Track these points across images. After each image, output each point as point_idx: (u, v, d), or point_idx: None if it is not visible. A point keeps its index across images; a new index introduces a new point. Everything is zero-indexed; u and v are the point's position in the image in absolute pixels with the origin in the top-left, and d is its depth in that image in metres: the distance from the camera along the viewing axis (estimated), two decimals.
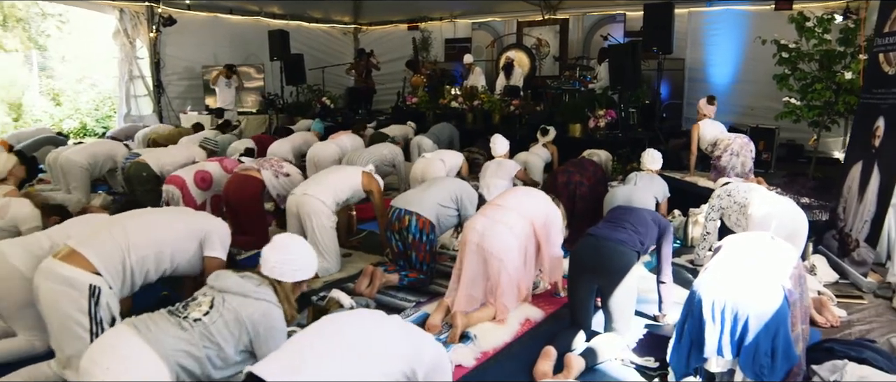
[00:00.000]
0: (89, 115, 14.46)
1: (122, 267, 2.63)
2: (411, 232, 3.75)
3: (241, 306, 2.20)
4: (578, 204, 4.93)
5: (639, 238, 3.12)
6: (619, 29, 10.29)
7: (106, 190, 6.92)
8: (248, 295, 2.23)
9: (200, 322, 2.15)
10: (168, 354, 2.00)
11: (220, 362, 2.17)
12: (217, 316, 2.17)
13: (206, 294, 2.29)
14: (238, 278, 2.29)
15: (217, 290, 2.27)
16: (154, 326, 2.07)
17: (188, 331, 2.10)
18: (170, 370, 1.99)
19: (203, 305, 2.21)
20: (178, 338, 2.07)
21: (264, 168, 4.77)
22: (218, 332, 2.15)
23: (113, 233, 2.68)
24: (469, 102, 9.21)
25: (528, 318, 3.47)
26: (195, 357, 2.09)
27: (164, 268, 2.83)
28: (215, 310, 2.19)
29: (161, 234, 2.82)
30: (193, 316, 2.18)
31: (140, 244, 2.71)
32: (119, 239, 2.67)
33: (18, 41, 15.27)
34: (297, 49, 11.42)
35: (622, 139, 7.30)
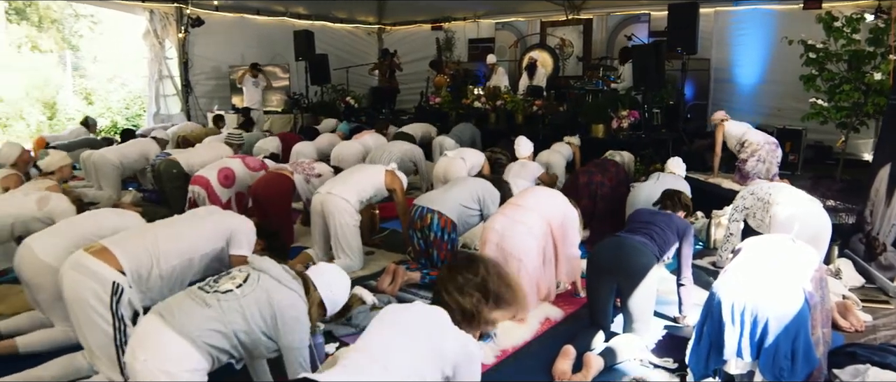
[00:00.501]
0: (120, 114, 14.80)
1: (147, 274, 2.71)
2: (433, 231, 3.81)
3: (274, 289, 2.24)
4: (599, 204, 4.94)
5: (658, 245, 3.14)
6: (643, 29, 10.22)
7: (136, 187, 7.10)
8: (282, 282, 2.27)
9: (232, 293, 2.18)
10: (195, 336, 2.05)
11: (246, 338, 2.18)
12: (250, 291, 2.20)
13: (241, 270, 2.34)
14: (278, 265, 2.34)
15: (255, 268, 2.32)
16: (178, 311, 2.11)
17: (213, 308, 2.13)
18: (199, 351, 2.05)
19: (237, 278, 2.25)
20: (203, 318, 2.10)
21: (297, 172, 4.87)
22: (248, 306, 2.17)
23: (144, 241, 2.77)
24: (492, 102, 9.23)
25: (548, 317, 3.50)
26: (223, 334, 2.11)
27: (196, 271, 2.91)
28: (249, 285, 2.22)
29: (190, 243, 2.89)
30: (225, 286, 2.21)
31: (170, 254, 2.78)
32: (150, 246, 2.74)
33: (53, 42, 15.69)
34: (321, 49, 11.54)
35: (645, 140, 7.26)
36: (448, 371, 1.87)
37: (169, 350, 2.01)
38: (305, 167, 5.01)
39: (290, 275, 2.31)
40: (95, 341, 2.55)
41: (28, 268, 2.97)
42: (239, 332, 2.16)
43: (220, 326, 2.11)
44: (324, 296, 2.41)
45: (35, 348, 3.00)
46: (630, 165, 6.23)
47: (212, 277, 2.32)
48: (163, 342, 2.02)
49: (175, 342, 2.02)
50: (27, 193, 3.80)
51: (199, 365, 2.05)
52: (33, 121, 13.49)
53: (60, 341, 3.02)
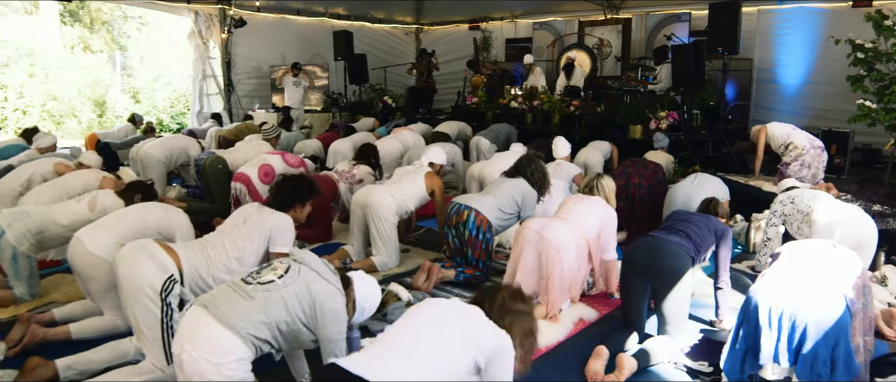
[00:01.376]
0: (165, 112, 15.25)
1: (198, 278, 2.88)
2: (468, 228, 3.84)
3: (314, 281, 2.31)
4: (637, 206, 4.90)
5: (694, 246, 3.11)
6: (683, 28, 10.06)
7: (180, 183, 7.33)
8: (322, 275, 2.34)
9: (273, 283, 2.25)
10: (239, 327, 2.12)
11: (287, 328, 2.25)
12: (291, 281, 2.27)
13: (283, 261, 2.42)
14: (319, 259, 2.41)
15: (296, 260, 2.39)
16: (222, 303, 2.19)
17: (256, 299, 2.20)
18: (244, 341, 2.13)
19: (278, 269, 2.33)
20: (247, 310, 2.17)
21: (341, 181, 4.99)
22: (289, 297, 2.24)
23: (202, 255, 2.94)
24: (529, 102, 9.22)
25: (582, 318, 3.51)
26: (266, 324, 2.18)
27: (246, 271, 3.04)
28: (290, 275, 2.30)
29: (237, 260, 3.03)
30: (267, 277, 2.29)
31: (221, 271, 2.96)
32: (205, 261, 2.94)
33: (103, 42, 16.26)
34: (360, 49, 11.69)
35: (684, 141, 7.16)
36: (481, 362, 1.90)
37: (214, 342, 2.09)
38: (347, 176, 5.12)
39: (329, 269, 2.38)
40: (144, 322, 2.68)
41: (79, 260, 3.13)
42: (281, 322, 2.23)
43: (263, 316, 2.18)
44: (357, 300, 2.47)
45: (86, 334, 3.15)
46: (668, 166, 6.14)
47: (254, 269, 2.39)
48: (209, 333, 2.10)
49: (220, 333, 2.10)
50: (79, 199, 3.95)
51: (244, 355, 2.13)
52: (85, 118, 14.02)
53: (109, 328, 3.18)
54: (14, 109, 13.23)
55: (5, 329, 3.26)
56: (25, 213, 3.68)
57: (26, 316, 3.22)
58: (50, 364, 2.73)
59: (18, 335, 3.11)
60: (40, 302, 3.72)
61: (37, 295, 3.75)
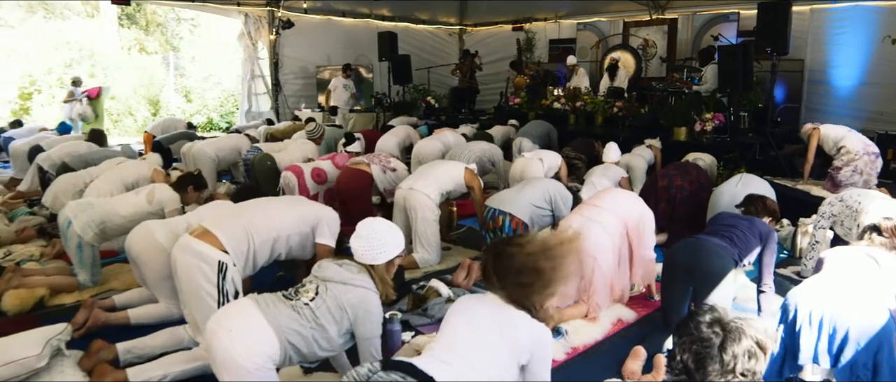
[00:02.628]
0: (215, 111, 15.73)
1: (246, 247, 2.97)
2: (505, 232, 3.89)
3: (342, 293, 2.40)
4: (679, 208, 4.86)
5: (738, 250, 3.09)
6: (731, 28, 9.87)
7: (229, 179, 7.57)
8: (347, 283, 2.42)
9: (308, 307, 2.36)
10: (281, 330, 2.24)
11: (325, 343, 2.36)
12: (321, 303, 2.37)
13: (311, 281, 2.51)
14: (337, 267, 2.48)
15: (320, 279, 2.48)
16: (272, 305, 2.31)
17: (300, 314, 2.32)
18: (280, 344, 2.23)
19: (310, 292, 2.42)
20: (291, 319, 2.29)
21: (374, 162, 5.09)
22: (322, 316, 2.34)
23: (240, 219, 3.03)
24: (571, 103, 9.19)
25: (621, 319, 3.52)
26: (303, 337, 2.30)
27: (279, 252, 3.15)
28: (320, 297, 2.39)
29: (279, 221, 3.13)
30: (303, 300, 2.40)
31: (262, 229, 3.03)
32: (245, 223, 3.00)
33: (158, 44, 16.88)
34: (404, 50, 11.82)
35: (730, 143, 7.03)
36: (523, 359, 1.97)
37: (255, 331, 2.20)
38: (382, 159, 5.23)
39: (351, 272, 2.44)
40: (200, 314, 2.83)
41: (138, 247, 3.31)
42: (319, 339, 2.34)
43: (303, 330, 2.29)
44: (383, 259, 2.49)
45: (143, 320, 3.34)
46: (712, 169, 6.05)
47: (292, 289, 2.48)
48: (252, 322, 2.21)
49: (262, 326, 2.21)
50: (138, 192, 4.17)
51: (274, 354, 2.22)
52: (140, 116, 14.60)
53: (164, 315, 3.36)
54: None
55: (70, 312, 3.48)
56: (90, 205, 3.91)
57: (89, 302, 3.43)
58: (111, 346, 2.91)
59: (82, 318, 3.31)
60: (101, 289, 3.94)
61: (98, 282, 3.98)
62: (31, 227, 5.13)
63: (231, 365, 2.14)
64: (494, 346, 1.97)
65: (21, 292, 3.64)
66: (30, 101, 13.64)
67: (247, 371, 2.14)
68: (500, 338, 1.98)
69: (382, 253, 2.47)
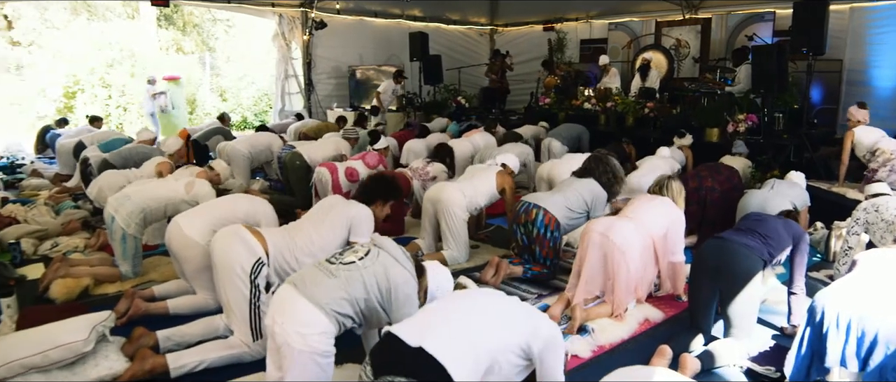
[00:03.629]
0: (249, 110, 16.05)
1: (284, 261, 3.10)
2: (537, 226, 3.93)
3: (391, 266, 2.49)
4: (709, 210, 4.83)
5: (768, 248, 3.07)
6: (767, 28, 9.70)
7: (262, 176, 7.75)
8: (399, 260, 2.52)
9: (354, 264, 2.45)
10: (324, 304, 2.32)
11: (365, 306, 2.43)
12: (370, 264, 2.46)
13: (363, 245, 2.62)
14: (397, 245, 2.59)
15: (376, 245, 2.58)
16: (309, 281, 2.40)
17: (339, 278, 2.40)
18: (329, 318, 2.32)
19: (360, 252, 2.53)
20: (330, 287, 2.37)
21: (415, 178, 5.20)
22: (368, 277, 2.43)
23: (288, 242, 3.17)
24: (602, 104, 9.14)
25: (648, 318, 3.53)
26: (347, 301, 2.38)
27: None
28: (369, 258, 2.49)
29: (319, 246, 3.24)
30: (348, 258, 2.49)
31: (304, 254, 3.17)
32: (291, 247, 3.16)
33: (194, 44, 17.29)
34: (435, 50, 11.88)
35: (764, 144, 6.93)
36: (535, 347, 2.04)
37: (302, 316, 2.30)
38: (422, 173, 5.31)
39: (405, 256, 2.55)
40: (235, 301, 2.95)
41: (175, 242, 3.45)
42: (360, 300, 2.42)
43: (345, 293, 2.37)
44: (430, 289, 2.62)
45: (181, 310, 3.48)
46: (744, 171, 5.98)
47: (338, 251, 2.58)
48: (297, 308, 2.31)
49: (307, 308, 2.30)
50: (178, 179, 4.35)
51: (328, 329, 2.32)
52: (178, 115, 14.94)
53: (201, 306, 3.49)
54: (117, 106, 14.30)
55: (112, 301, 3.64)
56: (126, 197, 4.07)
57: (131, 292, 3.58)
58: (152, 334, 3.04)
59: (124, 307, 3.46)
60: (142, 280, 4.10)
61: (139, 273, 4.14)
62: (75, 220, 5.34)
63: (293, 354, 2.26)
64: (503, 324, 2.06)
65: (68, 281, 3.81)
66: (74, 100, 14.10)
67: (308, 355, 2.26)
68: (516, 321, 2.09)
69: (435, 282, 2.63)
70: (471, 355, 1.92)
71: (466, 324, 2.01)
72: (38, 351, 2.61)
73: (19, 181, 7.54)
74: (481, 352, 1.95)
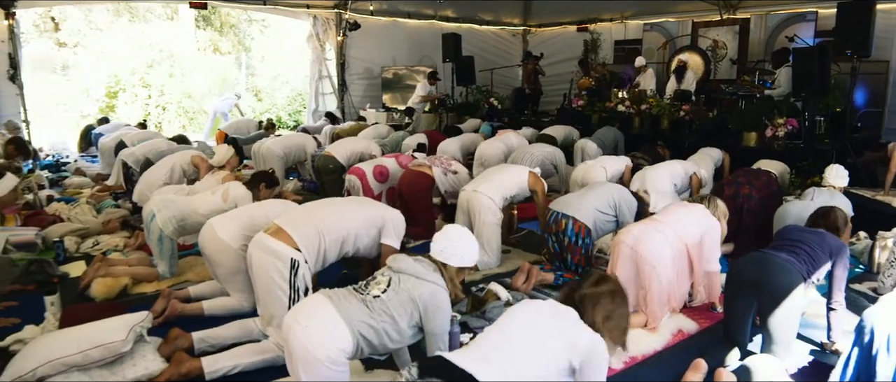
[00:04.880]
0: (283, 109, 16.27)
1: (317, 245, 3.10)
2: (568, 235, 3.89)
3: (414, 286, 2.48)
4: (746, 218, 4.71)
5: (807, 265, 2.97)
6: (808, 29, 9.44)
7: (296, 176, 7.85)
8: (420, 277, 2.51)
9: (379, 298, 2.45)
10: (353, 324, 2.34)
11: (396, 334, 2.44)
12: (393, 294, 2.46)
13: (384, 274, 2.61)
14: (412, 261, 2.57)
15: (394, 271, 2.57)
16: (344, 300, 2.42)
17: (369, 308, 2.41)
18: (353, 337, 2.33)
19: (382, 284, 2.53)
20: (362, 312, 2.39)
21: (435, 165, 5.18)
22: (393, 308, 2.43)
23: (313, 218, 3.17)
24: (636, 106, 9.01)
25: (681, 330, 3.46)
26: (374, 329, 2.39)
27: (347, 250, 3.27)
28: (392, 289, 2.48)
29: (348, 222, 3.26)
30: (373, 293, 2.49)
31: (332, 228, 3.17)
32: (317, 222, 3.14)
33: (231, 45, 17.59)
34: (467, 51, 11.86)
35: (804, 150, 6.74)
36: (576, 362, 2.00)
37: (329, 325, 2.31)
38: (443, 161, 5.31)
39: (426, 267, 2.53)
40: (274, 309, 2.99)
41: (209, 245, 3.51)
42: (389, 331, 2.42)
43: (372, 322, 2.39)
44: (457, 264, 2.59)
45: (216, 312, 3.55)
46: (783, 177, 5.82)
47: (362, 283, 2.58)
48: (326, 317, 2.33)
49: (336, 320, 2.32)
50: (214, 191, 4.40)
51: (347, 348, 2.32)
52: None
53: (235, 308, 3.55)
54: (156, 106, 14.66)
55: (150, 301, 3.74)
56: (172, 201, 4.16)
57: (167, 292, 3.67)
58: (187, 335, 3.10)
59: (161, 307, 3.54)
60: (178, 280, 4.19)
61: (175, 273, 4.23)
62: (115, 219, 5.48)
63: (307, 358, 2.26)
64: (545, 350, 2.01)
65: (108, 280, 3.92)
66: (115, 100, 14.50)
67: (321, 363, 2.26)
68: (554, 342, 2.03)
69: (458, 257, 2.58)
70: None
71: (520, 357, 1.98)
72: (78, 350, 2.68)
73: (63, 179, 7.77)
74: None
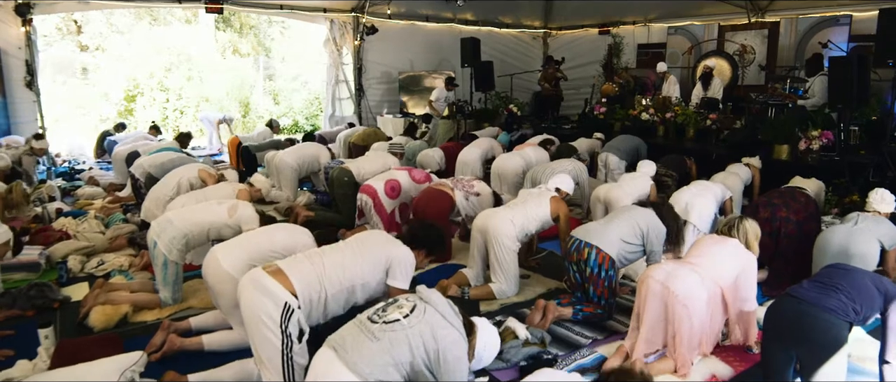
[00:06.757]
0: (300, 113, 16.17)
1: (317, 297, 2.87)
2: (590, 266, 3.64)
3: (439, 325, 2.29)
4: (783, 242, 4.42)
5: (853, 306, 2.67)
6: (842, 33, 9.05)
7: (310, 187, 7.68)
8: (447, 318, 2.32)
9: (398, 322, 2.25)
10: (366, 374, 2.13)
11: (410, 369, 2.23)
12: (416, 322, 2.26)
13: (409, 299, 2.41)
14: (445, 301, 2.39)
15: (422, 300, 2.38)
16: (350, 346, 2.21)
17: (381, 340, 2.20)
18: None
19: (404, 308, 2.32)
20: (373, 352, 2.18)
21: (458, 188, 4.96)
22: (413, 337, 2.22)
23: (315, 266, 2.93)
24: (661, 114, 8.69)
25: (715, 374, 3.19)
26: (392, 365, 2.18)
27: (356, 299, 3.03)
28: (415, 316, 2.28)
29: (353, 272, 3.00)
30: (392, 316, 2.29)
31: (335, 280, 2.92)
32: (319, 271, 2.91)
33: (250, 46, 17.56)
34: (487, 55, 11.61)
35: (839, 163, 6.38)
36: None
37: None
38: (465, 184, 5.08)
39: (454, 312, 2.34)
40: (265, 352, 2.76)
41: (212, 275, 3.33)
42: (405, 363, 2.22)
43: (389, 358, 2.18)
44: (477, 349, 2.42)
45: (217, 347, 3.36)
46: (820, 195, 5.49)
47: (381, 304, 2.39)
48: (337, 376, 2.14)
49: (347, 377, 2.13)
50: (221, 202, 4.24)
51: None
52: None
53: (238, 342, 3.36)
54: (173, 109, 14.64)
55: (151, 329, 3.60)
56: (169, 222, 3.99)
57: (166, 324, 3.50)
58: (183, 378, 2.92)
59: (159, 341, 3.37)
60: (180, 308, 4.03)
61: (179, 300, 4.07)
62: (123, 236, 5.35)
63: None
64: None
65: (107, 308, 3.77)
66: (134, 103, 14.51)
67: None
68: None
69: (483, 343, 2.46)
70: None
71: None
72: None
73: (76, 189, 7.70)
74: None
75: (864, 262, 3.74)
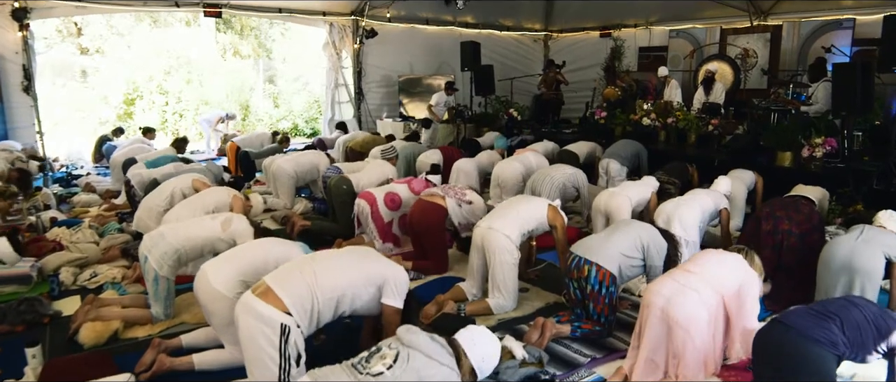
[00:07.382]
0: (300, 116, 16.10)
1: (310, 307, 2.80)
2: (591, 284, 3.56)
3: (425, 367, 2.22)
4: (786, 256, 4.34)
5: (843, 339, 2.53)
6: (845, 37, 8.98)
7: (307, 194, 7.61)
8: (433, 358, 2.25)
9: (382, 375, 2.19)
10: None
11: None
12: (400, 372, 2.20)
13: (391, 346, 2.34)
14: (427, 338, 2.32)
15: (404, 345, 2.31)
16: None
17: None
18: None
19: (387, 358, 2.26)
20: None
21: (449, 195, 4.88)
22: None
23: (305, 275, 2.87)
24: (662, 119, 8.60)
25: None
26: None
27: (343, 310, 2.97)
28: (399, 366, 2.22)
29: (345, 279, 2.95)
30: (376, 368, 2.22)
31: (326, 288, 2.86)
32: (310, 280, 2.85)
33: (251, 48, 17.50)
34: (487, 58, 11.54)
35: (843, 170, 6.29)
36: None
37: None
38: (457, 191, 5.01)
39: (440, 347, 2.27)
40: (261, 376, 2.70)
41: (203, 294, 3.26)
42: None
43: None
44: (475, 366, 2.36)
45: (207, 367, 3.28)
46: (823, 204, 5.41)
47: (364, 354, 2.32)
48: None
49: None
50: (214, 216, 4.17)
51: None
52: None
53: (229, 362, 3.28)
54: (173, 113, 14.58)
55: (141, 346, 3.52)
56: (161, 236, 3.91)
57: (157, 343, 3.42)
58: None
59: (149, 359, 3.30)
60: (172, 323, 3.94)
61: (170, 315, 3.98)
62: (116, 247, 5.28)
63: None
64: None
65: (97, 325, 3.69)
66: (133, 107, 14.45)
67: None
68: None
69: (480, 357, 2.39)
70: None
71: None
72: None
73: (72, 196, 7.63)
74: None
75: (869, 276, 3.66)
